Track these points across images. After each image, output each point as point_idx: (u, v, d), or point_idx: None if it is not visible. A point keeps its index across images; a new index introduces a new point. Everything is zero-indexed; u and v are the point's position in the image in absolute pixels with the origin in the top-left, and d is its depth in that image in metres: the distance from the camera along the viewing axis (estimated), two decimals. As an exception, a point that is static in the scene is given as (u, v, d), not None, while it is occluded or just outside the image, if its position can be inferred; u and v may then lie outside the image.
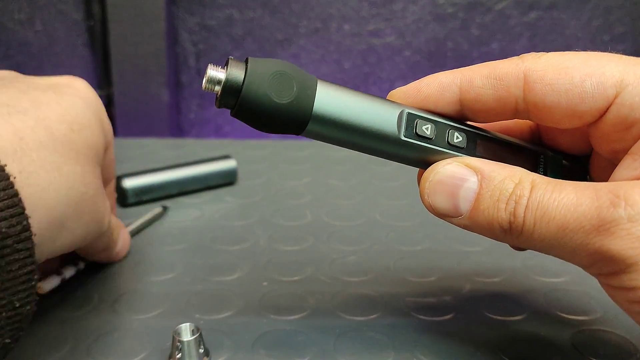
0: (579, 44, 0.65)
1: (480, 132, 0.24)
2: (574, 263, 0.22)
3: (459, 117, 0.24)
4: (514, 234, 0.21)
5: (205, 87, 0.21)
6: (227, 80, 0.21)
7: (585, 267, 0.21)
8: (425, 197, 0.23)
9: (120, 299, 0.31)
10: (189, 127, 0.74)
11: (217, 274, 0.35)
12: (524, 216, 0.21)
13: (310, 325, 0.29)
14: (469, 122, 0.25)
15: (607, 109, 0.22)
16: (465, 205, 0.22)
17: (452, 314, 0.30)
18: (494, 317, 0.30)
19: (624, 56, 0.22)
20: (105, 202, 0.29)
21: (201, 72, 0.71)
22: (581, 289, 0.33)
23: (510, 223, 0.21)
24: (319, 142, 0.24)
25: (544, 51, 0.23)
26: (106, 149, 0.31)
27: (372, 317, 0.30)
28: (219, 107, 0.22)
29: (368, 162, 0.54)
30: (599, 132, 0.23)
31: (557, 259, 0.22)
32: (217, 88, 0.21)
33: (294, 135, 0.23)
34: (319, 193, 0.48)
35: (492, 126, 0.27)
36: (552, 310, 0.31)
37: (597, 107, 0.22)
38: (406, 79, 0.70)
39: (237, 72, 0.21)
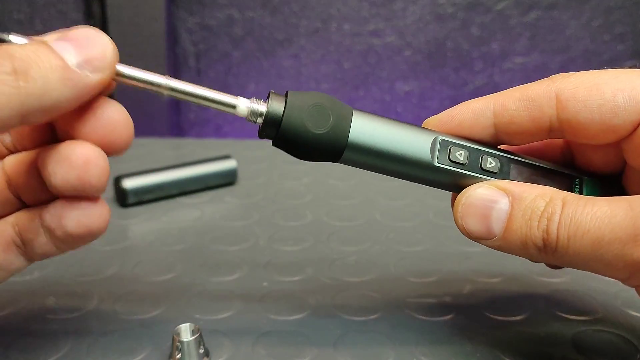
0: (579, 44, 0.65)
1: (514, 157, 0.25)
2: (612, 277, 0.22)
3: (494, 141, 0.25)
4: (549, 252, 0.21)
5: (248, 119, 0.23)
6: (268, 113, 0.22)
7: (624, 280, 0.21)
8: (459, 220, 0.24)
9: (120, 299, 0.31)
10: (189, 127, 0.74)
11: (217, 274, 0.34)
12: (557, 232, 0.21)
13: (310, 326, 0.29)
14: (502, 147, 0.25)
15: None
16: (498, 227, 0.22)
17: (452, 315, 0.30)
18: (495, 317, 0.30)
19: None
20: None
21: (201, 72, 0.71)
22: (582, 289, 0.33)
23: (544, 240, 0.21)
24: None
25: (544, 50, 0.23)
26: None
27: (372, 317, 0.30)
28: (261, 137, 0.23)
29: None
30: (633, 145, 0.23)
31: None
32: (259, 120, 0.23)
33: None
34: (319, 193, 0.48)
35: (524, 148, 0.27)
36: (552, 311, 0.31)
37: (631, 120, 0.22)
38: (406, 79, 0.70)
39: (277, 105, 0.22)
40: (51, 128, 0.23)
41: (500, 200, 0.22)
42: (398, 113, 0.71)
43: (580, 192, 0.25)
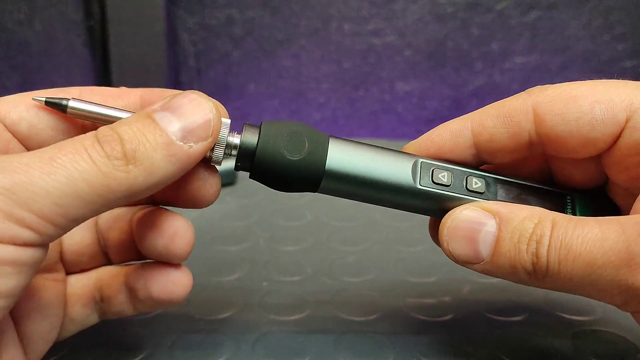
0: (579, 44, 0.65)
1: (500, 177, 0.24)
2: (607, 302, 0.21)
3: (476, 161, 0.24)
4: (539, 276, 0.21)
5: (224, 153, 0.22)
6: (242, 144, 0.22)
7: (619, 306, 0.21)
8: (445, 244, 0.23)
9: (120, 299, 0.31)
10: (189, 127, 0.74)
11: (217, 274, 0.34)
12: (547, 256, 0.20)
13: (310, 326, 0.29)
14: (484, 168, 0.25)
15: (620, 134, 0.21)
16: (485, 250, 0.22)
17: (452, 315, 0.30)
18: (494, 317, 0.30)
19: (630, 81, 0.22)
20: None
21: (201, 72, 0.71)
22: (581, 289, 0.33)
23: (533, 264, 0.20)
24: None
25: (544, 51, 0.23)
26: None
27: (372, 317, 0.30)
28: (237, 170, 0.23)
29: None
30: (614, 159, 0.22)
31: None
32: (234, 152, 0.22)
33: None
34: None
35: (501, 167, 0.26)
36: (551, 311, 0.31)
37: (610, 133, 0.21)
38: (406, 79, 0.70)
39: (251, 136, 0.22)
40: None
41: (487, 222, 0.22)
42: (398, 113, 0.71)
43: (573, 210, 0.24)
